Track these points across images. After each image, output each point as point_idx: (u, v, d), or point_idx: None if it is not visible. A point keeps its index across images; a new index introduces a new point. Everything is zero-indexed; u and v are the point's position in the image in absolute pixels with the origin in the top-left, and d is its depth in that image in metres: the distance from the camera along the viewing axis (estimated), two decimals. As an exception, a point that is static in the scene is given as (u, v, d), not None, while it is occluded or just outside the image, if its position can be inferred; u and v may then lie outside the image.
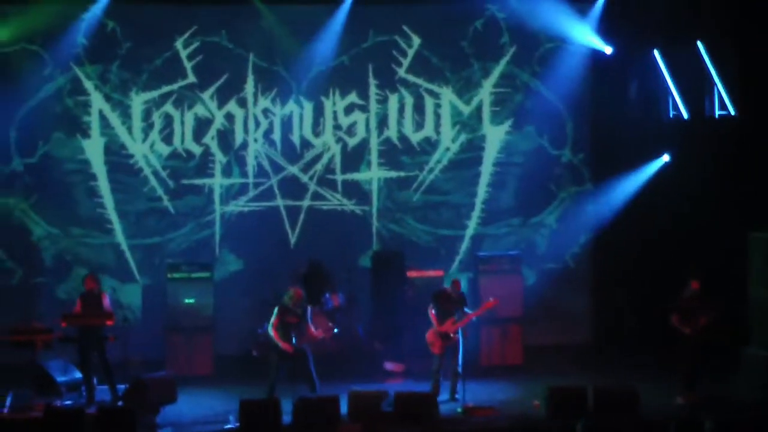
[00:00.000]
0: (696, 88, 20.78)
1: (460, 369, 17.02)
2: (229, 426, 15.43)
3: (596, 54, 21.73)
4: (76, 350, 17.31)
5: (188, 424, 15.94)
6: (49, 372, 17.28)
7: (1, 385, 17.20)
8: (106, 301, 17.38)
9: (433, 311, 17.25)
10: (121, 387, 16.86)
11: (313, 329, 17.24)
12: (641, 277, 20.98)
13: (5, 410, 15.90)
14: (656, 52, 21.07)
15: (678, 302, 17.04)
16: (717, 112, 20.49)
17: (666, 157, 21.21)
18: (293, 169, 21.64)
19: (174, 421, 15.90)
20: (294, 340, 16.59)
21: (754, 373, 17.13)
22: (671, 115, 21.27)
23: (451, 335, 17.08)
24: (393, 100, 21.81)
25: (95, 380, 17.25)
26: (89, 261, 21.00)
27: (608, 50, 21.55)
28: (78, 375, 17.43)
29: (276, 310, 16.80)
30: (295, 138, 21.66)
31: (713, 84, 20.34)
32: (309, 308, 17.36)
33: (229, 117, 21.51)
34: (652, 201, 20.98)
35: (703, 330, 16.84)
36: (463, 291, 17.90)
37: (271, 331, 16.70)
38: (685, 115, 20.88)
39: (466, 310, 17.32)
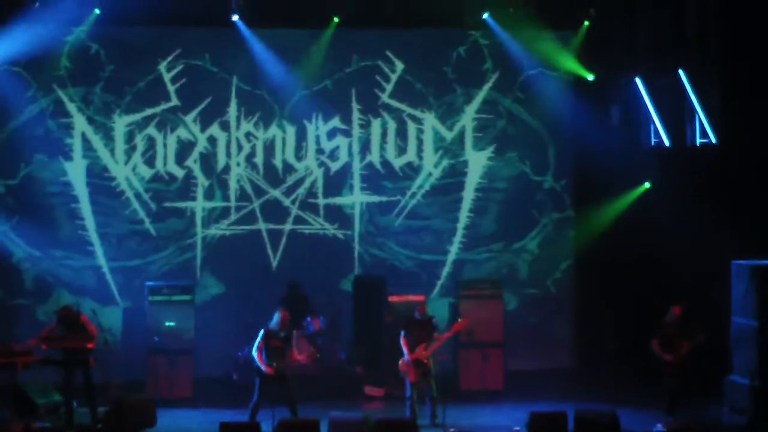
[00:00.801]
0: (677, 116, 20.83)
1: (434, 393, 17.05)
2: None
3: (579, 81, 21.83)
4: (59, 372, 17.22)
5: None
6: (28, 394, 17.20)
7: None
8: (88, 323, 17.32)
9: (405, 339, 17.26)
10: (101, 410, 16.79)
11: (296, 353, 17.19)
12: (622, 302, 21.02)
13: (-16, 432, 15.82)
14: (638, 80, 21.15)
15: (660, 328, 17.07)
16: (698, 140, 20.53)
17: (647, 184, 21.27)
18: (275, 193, 21.65)
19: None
20: (275, 364, 16.47)
21: (736, 400, 17.15)
22: (653, 143, 21.34)
23: (424, 361, 17.08)
24: (376, 125, 21.86)
25: (75, 403, 17.18)
26: (70, 283, 20.95)
27: (590, 77, 21.65)
28: (57, 397, 17.36)
29: (261, 332, 16.72)
30: (278, 162, 21.68)
31: (695, 112, 20.40)
32: (294, 332, 17.26)
33: (212, 140, 21.52)
34: (634, 228, 21.00)
35: (684, 357, 16.87)
36: (431, 314, 17.86)
37: (255, 354, 16.63)
38: (667, 143, 20.93)
39: (436, 334, 17.37)
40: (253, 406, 16.51)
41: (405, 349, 17.23)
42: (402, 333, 17.40)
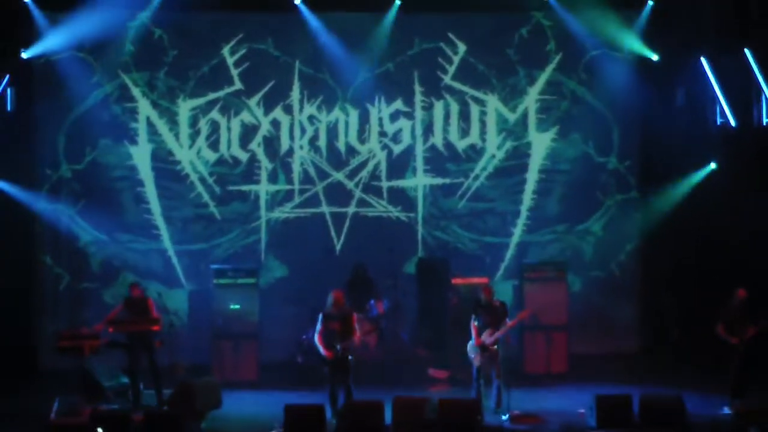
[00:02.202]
0: (744, 96, 20.62)
1: (500, 378, 16.97)
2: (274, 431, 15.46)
3: (643, 61, 21.62)
4: (124, 355, 17.40)
5: (234, 429, 15.99)
6: (96, 377, 17.40)
7: (49, 390, 17.32)
8: (153, 307, 17.49)
9: (476, 323, 17.13)
10: (167, 392, 16.95)
11: (358, 333, 16.87)
12: (688, 285, 20.86)
13: (52, 416, 15.98)
14: (703, 59, 20.94)
15: (725, 312, 16.93)
16: (765, 120, 20.32)
17: (713, 165, 21.06)
18: (339, 176, 21.69)
19: (219, 427, 15.96)
20: (338, 347, 16.40)
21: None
22: (718, 123, 21.11)
23: (489, 347, 16.97)
24: (438, 108, 21.81)
25: (141, 385, 17.35)
26: (136, 266, 21.15)
27: (655, 57, 21.46)
28: (124, 380, 17.56)
29: (320, 317, 16.71)
30: (341, 145, 21.71)
31: (761, 91, 20.19)
32: (354, 314, 17.03)
33: (275, 124, 21.59)
34: (699, 209, 20.82)
35: (751, 340, 16.71)
36: (499, 299, 17.67)
37: (316, 339, 16.65)
38: (733, 123, 20.73)
39: (507, 320, 17.21)
40: (329, 394, 16.42)
41: (474, 334, 17.11)
42: (473, 317, 17.23)
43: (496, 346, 16.90)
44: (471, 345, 17.08)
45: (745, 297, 16.94)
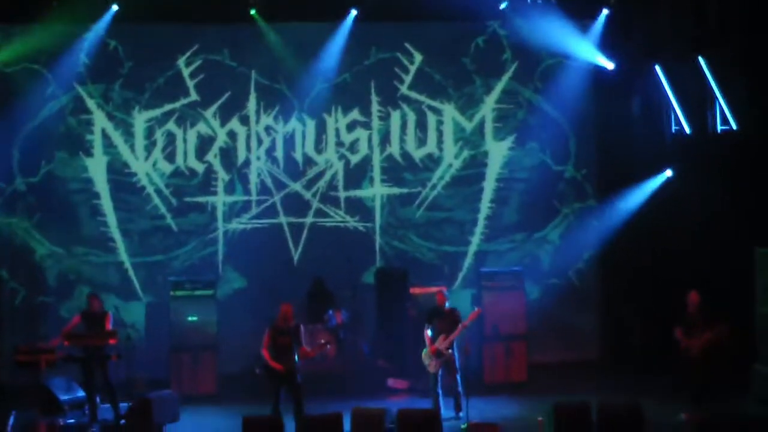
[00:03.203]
0: (698, 103, 20.72)
1: (459, 387, 16.98)
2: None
3: (598, 70, 21.72)
4: (79, 369, 17.28)
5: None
6: (52, 391, 17.26)
7: (5, 405, 17.18)
8: (109, 320, 17.36)
9: (428, 332, 17.19)
10: (125, 405, 16.84)
11: (306, 348, 16.39)
12: (646, 292, 20.94)
13: (8, 430, 15.83)
14: (658, 68, 21.04)
15: (684, 317, 16.98)
16: (719, 127, 20.43)
17: (669, 173, 21.15)
18: (296, 186, 21.66)
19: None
20: (284, 361, 16.05)
21: (762, 390, 17.03)
22: (674, 130, 21.22)
23: (444, 352, 17.00)
24: (395, 117, 21.84)
25: (98, 399, 17.23)
26: (92, 279, 21.03)
27: (610, 66, 21.55)
28: (81, 393, 17.43)
29: (267, 330, 16.34)
30: (298, 155, 21.69)
31: (715, 99, 20.30)
32: (302, 327, 16.62)
33: (232, 134, 21.55)
34: (656, 216, 20.91)
35: (708, 346, 16.77)
36: (450, 306, 17.65)
37: (263, 352, 16.36)
38: (688, 130, 20.82)
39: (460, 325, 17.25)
40: (273, 405, 16.13)
41: (427, 341, 17.16)
42: (426, 325, 17.30)
43: (450, 351, 16.94)
44: (425, 352, 17.12)
45: (698, 299, 16.99)
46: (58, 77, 20.95)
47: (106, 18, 20.69)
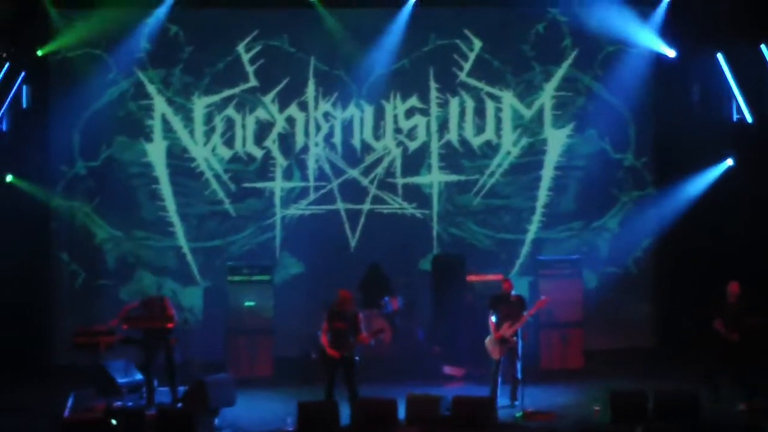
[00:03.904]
0: (760, 91, 20.51)
1: (519, 374, 16.90)
2: (287, 428, 15.42)
3: (659, 57, 21.58)
4: (140, 351, 17.40)
5: (247, 426, 15.99)
6: (110, 373, 17.40)
7: (64, 386, 17.37)
8: (169, 305, 17.44)
9: (492, 318, 17.04)
10: (181, 389, 16.96)
11: (364, 334, 16.28)
12: (704, 281, 20.73)
13: (67, 412, 16.01)
14: (720, 55, 20.84)
15: (722, 308, 16.78)
16: (781, 116, 20.23)
17: (729, 161, 20.96)
18: (354, 173, 21.68)
19: (232, 423, 15.96)
20: (340, 346, 15.98)
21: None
22: (735, 119, 21.01)
23: (509, 339, 16.91)
24: (454, 104, 21.79)
25: (156, 382, 17.35)
26: (151, 263, 21.22)
27: (671, 53, 21.38)
28: (139, 376, 17.55)
29: (327, 315, 16.32)
30: (356, 141, 21.71)
31: (777, 87, 20.11)
32: (360, 313, 16.56)
33: (290, 120, 21.61)
34: (716, 205, 20.74)
35: (751, 334, 16.54)
36: (516, 293, 17.50)
37: (320, 338, 16.37)
38: (749, 119, 20.62)
39: (524, 313, 17.13)
40: (327, 389, 16.04)
41: (492, 328, 17.02)
42: (490, 311, 17.19)
43: (515, 338, 16.85)
44: (490, 339, 17.00)
45: (737, 290, 16.78)
46: (119, 62, 21.11)
47: (167, 3, 20.85)
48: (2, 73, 19.86)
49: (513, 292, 17.25)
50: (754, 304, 16.73)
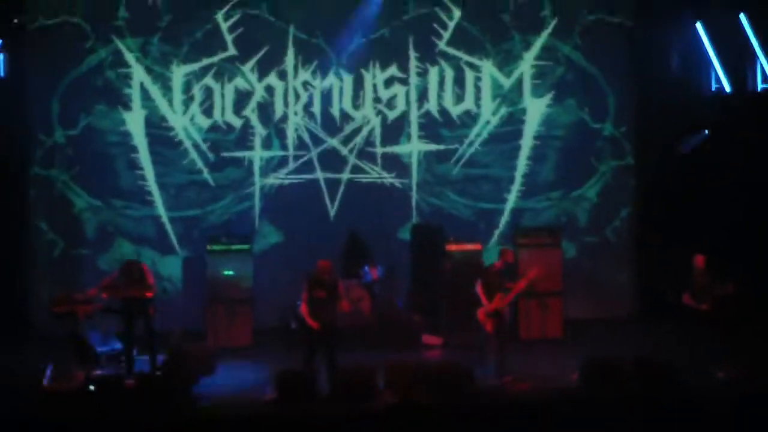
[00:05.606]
0: (738, 61, 20.54)
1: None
2: (266, 397, 15.42)
3: (638, 26, 21.54)
4: (119, 320, 17.33)
5: (226, 395, 15.98)
6: (89, 342, 17.38)
7: (43, 355, 17.33)
8: (149, 274, 17.38)
9: (482, 288, 16.77)
10: (160, 358, 16.94)
11: (345, 301, 16.32)
12: (682, 251, 20.79)
13: (45, 381, 15.98)
14: (699, 25, 20.85)
15: (689, 280, 16.81)
16: (760, 85, 20.25)
17: (707, 131, 20.99)
18: (333, 142, 21.64)
19: (212, 392, 15.96)
20: (319, 315, 15.92)
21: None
22: (713, 89, 21.05)
23: (503, 311, 16.78)
24: (433, 73, 21.75)
25: (135, 351, 17.32)
26: (130, 233, 21.14)
27: (650, 23, 21.34)
28: (118, 345, 17.53)
29: (306, 284, 16.23)
30: (335, 111, 21.65)
31: (756, 57, 20.10)
32: (340, 282, 16.53)
33: (270, 89, 21.53)
34: (694, 175, 20.79)
35: (721, 303, 16.59)
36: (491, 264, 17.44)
37: (300, 305, 16.30)
38: (728, 89, 20.65)
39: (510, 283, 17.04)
40: (305, 358, 15.94)
41: (483, 299, 16.74)
42: (478, 280, 16.89)
43: (506, 310, 16.83)
44: (484, 311, 16.76)
45: (703, 263, 16.82)
46: (97, 30, 20.98)
47: (146, -29, 20.75)
48: (-21, 41, 19.80)
49: (487, 264, 17.23)
50: (727, 273, 16.76)
